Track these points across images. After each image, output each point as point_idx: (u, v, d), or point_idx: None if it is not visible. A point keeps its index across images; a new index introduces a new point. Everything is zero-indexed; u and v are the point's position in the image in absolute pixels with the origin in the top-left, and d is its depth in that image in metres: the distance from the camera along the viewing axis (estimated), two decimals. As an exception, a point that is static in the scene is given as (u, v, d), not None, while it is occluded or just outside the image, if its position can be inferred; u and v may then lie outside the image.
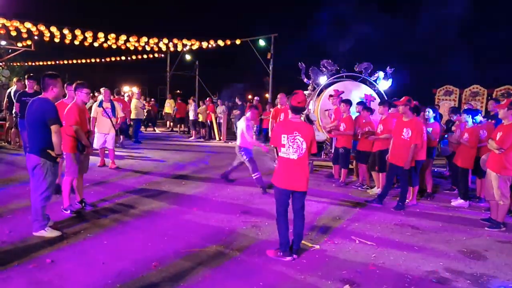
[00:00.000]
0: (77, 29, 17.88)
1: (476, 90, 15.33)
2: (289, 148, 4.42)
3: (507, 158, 5.81)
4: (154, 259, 4.37)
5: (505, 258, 4.87)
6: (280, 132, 4.49)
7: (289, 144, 4.42)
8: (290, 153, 4.43)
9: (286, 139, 4.42)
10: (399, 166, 6.78)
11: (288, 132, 4.44)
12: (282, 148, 4.46)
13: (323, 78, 10.38)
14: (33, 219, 4.91)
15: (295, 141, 4.41)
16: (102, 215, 5.85)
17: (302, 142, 4.41)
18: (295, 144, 4.41)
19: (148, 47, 20.91)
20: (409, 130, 6.66)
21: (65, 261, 4.24)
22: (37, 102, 4.83)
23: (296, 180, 4.46)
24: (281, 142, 4.45)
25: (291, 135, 4.42)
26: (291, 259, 4.46)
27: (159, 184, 8.01)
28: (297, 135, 4.41)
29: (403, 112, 6.84)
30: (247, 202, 6.91)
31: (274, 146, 4.81)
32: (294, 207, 4.60)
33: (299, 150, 4.42)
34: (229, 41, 20.69)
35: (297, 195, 4.56)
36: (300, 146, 4.41)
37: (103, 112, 9.28)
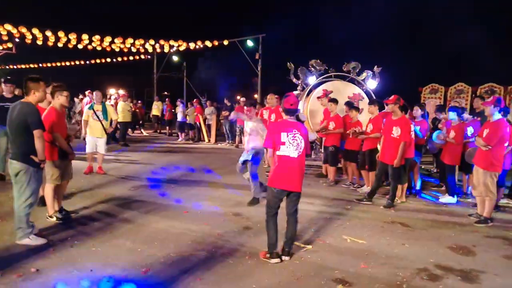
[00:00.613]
0: (60, 31, 17.59)
1: (461, 88, 15.54)
2: (290, 146, 4.40)
3: (494, 154, 5.87)
4: (144, 264, 4.30)
5: (493, 253, 4.92)
6: (279, 130, 4.47)
7: (289, 141, 4.40)
8: (291, 151, 4.40)
9: (286, 137, 4.41)
10: (389, 164, 6.80)
11: (288, 130, 4.44)
12: (282, 146, 4.42)
13: (312, 78, 10.40)
14: (17, 227, 4.76)
15: (295, 138, 4.41)
16: (89, 221, 5.73)
17: (301, 140, 4.43)
18: (295, 142, 4.40)
19: (134, 48, 20.74)
20: (398, 129, 6.69)
21: (51, 270, 4.12)
22: (19, 106, 4.70)
23: (295, 180, 4.45)
24: (280, 140, 4.42)
25: (291, 133, 4.42)
26: (277, 261, 4.42)
27: (147, 188, 7.91)
28: (297, 133, 4.43)
29: (392, 110, 6.87)
30: (238, 203, 6.86)
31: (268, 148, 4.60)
32: (289, 210, 4.56)
33: (299, 148, 4.42)
34: (217, 42, 20.62)
35: (293, 197, 4.53)
36: (299, 144, 4.42)
37: (93, 114, 8.94)
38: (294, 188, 4.47)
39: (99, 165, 9.11)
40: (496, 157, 5.90)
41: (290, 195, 4.51)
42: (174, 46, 21.13)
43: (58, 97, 5.61)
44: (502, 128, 5.85)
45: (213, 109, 16.75)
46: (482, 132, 6.02)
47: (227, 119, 15.94)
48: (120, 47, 20.18)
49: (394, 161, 6.68)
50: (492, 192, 5.97)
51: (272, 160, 4.52)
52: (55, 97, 5.62)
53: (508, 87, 14.28)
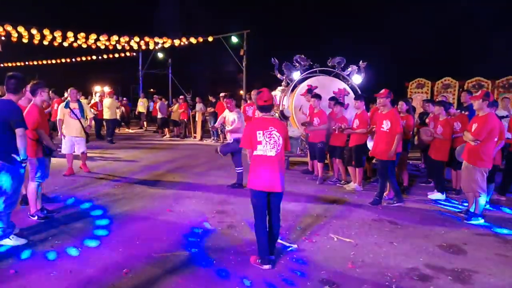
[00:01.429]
0: (46, 29, 17.30)
1: (448, 82, 15.60)
2: (266, 145, 4.18)
3: (483, 149, 5.80)
4: (125, 265, 4.17)
5: (485, 251, 4.83)
6: (255, 129, 4.24)
7: (265, 140, 4.18)
8: (268, 149, 4.18)
9: (262, 135, 4.19)
10: (380, 159, 6.72)
11: (263, 128, 4.21)
12: (259, 146, 4.20)
13: (297, 74, 10.29)
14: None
15: (271, 136, 4.19)
16: (71, 220, 5.57)
17: (278, 137, 4.21)
18: (272, 140, 4.19)
19: (119, 45, 20.47)
20: (388, 122, 6.59)
21: (30, 271, 4.00)
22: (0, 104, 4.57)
23: (274, 180, 4.19)
24: (256, 139, 4.20)
25: (267, 131, 4.19)
26: (269, 267, 4.19)
27: (131, 185, 7.75)
28: (273, 130, 4.20)
29: (383, 104, 6.76)
30: (222, 202, 6.74)
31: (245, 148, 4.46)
32: (271, 211, 4.34)
33: (277, 145, 4.20)
34: (201, 39, 20.43)
35: (275, 198, 4.30)
36: (277, 141, 4.20)
37: (70, 113, 8.45)
38: (274, 189, 4.21)
39: (83, 162, 8.86)
40: (486, 152, 5.80)
41: (271, 196, 4.28)
42: (159, 43, 20.90)
43: (41, 93, 5.60)
44: (491, 122, 5.74)
45: (202, 106, 16.62)
46: (471, 127, 5.93)
47: (212, 115, 15.84)
48: (106, 44, 19.93)
49: (388, 153, 6.54)
50: (482, 188, 5.89)
51: (250, 160, 4.34)
52: (37, 94, 5.60)
53: (495, 81, 14.34)
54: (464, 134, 6.07)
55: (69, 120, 8.45)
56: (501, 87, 14.23)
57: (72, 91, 8.74)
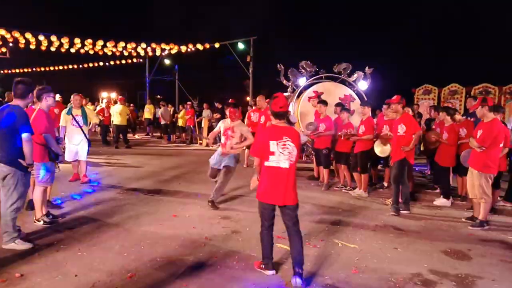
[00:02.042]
0: (53, 35, 17.51)
1: (455, 88, 15.55)
2: (280, 156, 3.90)
3: (489, 156, 5.79)
4: (130, 269, 4.19)
5: (489, 257, 4.82)
6: (267, 138, 3.95)
7: (279, 151, 3.90)
8: (281, 161, 3.90)
9: (276, 146, 3.91)
10: (395, 161, 6.62)
11: (276, 137, 3.92)
12: (271, 157, 3.91)
13: (302, 80, 10.32)
14: (3, 232, 4.68)
15: (285, 147, 3.91)
16: (77, 225, 5.61)
17: (293, 148, 3.93)
18: (286, 151, 3.91)
19: (126, 52, 20.66)
20: (403, 126, 6.59)
21: (36, 275, 4.02)
22: (7, 109, 4.64)
23: (286, 192, 3.94)
24: (269, 150, 3.91)
25: (281, 141, 3.91)
26: (273, 273, 4.13)
27: (136, 191, 7.79)
28: (288, 140, 3.92)
29: (395, 110, 6.78)
30: (227, 207, 6.76)
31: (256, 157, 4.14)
32: (287, 224, 4.07)
33: (291, 157, 3.93)
34: (208, 45, 20.55)
35: (289, 210, 4.02)
36: (291, 152, 3.93)
37: (72, 120, 8.18)
38: (287, 201, 3.96)
39: (83, 173, 8.35)
40: (491, 158, 5.80)
41: (283, 208, 4.02)
42: (165, 49, 21.05)
43: (46, 99, 5.57)
44: (495, 128, 5.76)
45: (209, 112, 16.70)
46: (476, 133, 5.94)
47: (218, 121, 15.87)
48: (112, 50, 20.12)
49: (405, 148, 6.45)
50: (487, 194, 5.86)
51: (257, 169, 4.12)
52: (43, 99, 5.57)
53: (502, 87, 14.27)
54: (470, 140, 6.06)
55: (71, 128, 8.22)
56: (508, 94, 14.16)
57: (75, 97, 8.47)
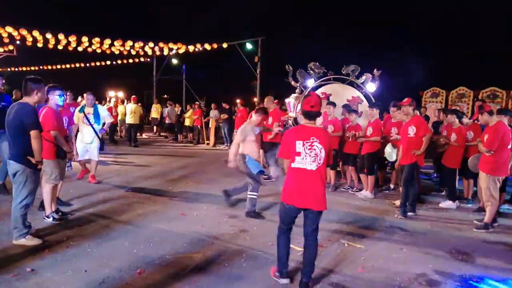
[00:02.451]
0: (60, 34, 17.60)
1: (462, 92, 15.51)
2: (306, 157, 3.76)
3: (498, 158, 5.85)
4: (139, 266, 4.26)
5: (493, 258, 4.87)
6: (294, 138, 3.81)
7: (305, 152, 3.76)
8: (307, 162, 3.76)
9: (302, 146, 3.77)
10: (405, 164, 6.59)
11: (304, 138, 3.78)
12: (297, 157, 3.79)
13: (311, 81, 10.34)
14: (13, 227, 4.76)
15: (312, 147, 3.76)
16: (86, 222, 5.70)
17: (320, 149, 3.77)
18: (312, 152, 3.76)
19: (134, 51, 20.73)
20: (413, 127, 6.60)
21: (46, 270, 4.10)
22: (16, 106, 4.71)
23: (313, 196, 3.78)
24: (295, 150, 3.78)
25: (308, 141, 3.77)
26: (287, 282, 3.99)
27: (144, 190, 7.86)
28: (315, 141, 3.77)
29: (406, 112, 6.79)
30: (235, 206, 6.81)
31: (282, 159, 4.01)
32: (306, 230, 3.93)
33: (318, 159, 3.77)
34: (216, 45, 20.59)
35: (313, 215, 3.87)
36: (318, 154, 3.76)
37: (83, 118, 8.07)
38: (314, 206, 3.80)
39: (92, 173, 8.30)
40: (500, 161, 5.86)
41: (308, 213, 3.87)
42: (173, 49, 21.10)
43: (51, 97, 5.63)
44: (501, 130, 5.83)
45: (217, 112, 16.75)
46: (483, 138, 6.02)
47: (225, 122, 15.97)
48: (120, 49, 20.18)
49: (417, 152, 6.44)
50: (495, 197, 5.91)
51: (285, 170, 3.99)
52: (49, 97, 5.62)
53: (510, 91, 14.23)
54: (478, 145, 6.13)
55: (82, 126, 8.13)
56: (516, 97, 14.12)
57: (88, 95, 8.40)
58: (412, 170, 6.60)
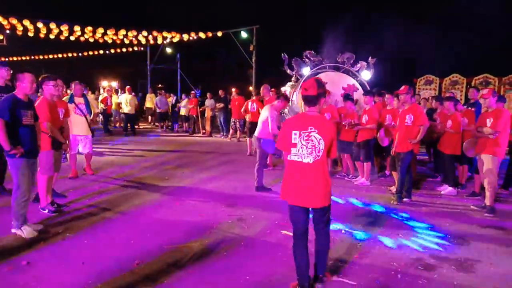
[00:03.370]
0: (52, 23, 17.35)
1: (456, 79, 15.55)
2: (302, 149, 3.39)
3: (501, 140, 6.07)
4: (137, 256, 4.25)
5: (487, 242, 4.93)
6: (290, 128, 3.47)
7: (301, 143, 3.39)
8: (304, 155, 3.39)
9: (298, 137, 3.40)
10: (402, 152, 6.62)
11: (300, 127, 3.42)
12: (293, 149, 3.42)
13: (306, 69, 10.33)
14: (12, 217, 4.77)
15: (309, 138, 3.38)
16: (82, 214, 5.68)
17: (319, 140, 3.36)
18: (309, 143, 3.37)
19: (127, 40, 20.50)
20: (411, 116, 6.62)
21: (43, 262, 4.09)
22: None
23: (311, 192, 3.41)
24: (291, 141, 3.43)
25: (305, 131, 3.39)
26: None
27: (141, 180, 7.85)
28: (313, 131, 3.37)
29: (404, 101, 6.80)
30: (231, 195, 6.82)
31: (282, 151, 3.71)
32: (315, 224, 3.62)
33: (315, 151, 3.37)
34: (211, 33, 20.41)
35: (317, 214, 3.54)
36: (316, 146, 3.37)
37: (75, 109, 7.72)
38: (313, 203, 3.45)
39: (87, 164, 8.15)
40: (501, 143, 6.09)
41: (312, 210, 3.56)
42: (167, 37, 20.91)
43: (44, 87, 5.61)
44: (505, 113, 6.09)
45: (213, 102, 16.67)
46: (485, 122, 6.16)
47: (221, 111, 15.91)
48: (113, 38, 19.94)
49: (413, 141, 6.52)
50: (495, 177, 6.12)
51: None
52: (43, 88, 5.61)
53: (502, 78, 14.32)
54: (478, 129, 6.23)
55: (74, 117, 7.65)
56: (507, 84, 14.18)
57: (77, 85, 8.06)
58: (409, 157, 6.63)
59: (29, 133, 4.75)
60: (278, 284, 3.76)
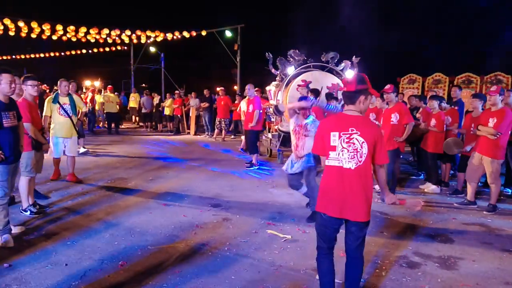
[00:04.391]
0: (33, 21, 17.08)
1: (438, 78, 15.76)
2: (343, 152, 3.03)
3: (502, 142, 5.97)
4: (121, 258, 4.22)
5: (471, 240, 5.00)
6: (329, 129, 3.11)
7: (342, 145, 3.03)
8: (344, 160, 3.02)
9: (338, 139, 3.05)
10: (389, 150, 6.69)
11: (340, 128, 3.06)
12: (332, 152, 3.07)
13: (291, 69, 10.32)
14: None
15: (351, 141, 3.02)
16: (65, 215, 5.60)
17: (361, 143, 3.00)
18: (351, 147, 3.02)
19: (110, 39, 20.31)
20: (396, 114, 6.71)
21: (25, 265, 4.01)
22: None
23: (352, 203, 3.02)
24: (329, 143, 3.09)
25: (346, 133, 3.03)
26: None
27: (125, 180, 7.77)
28: (355, 133, 3.02)
29: (390, 99, 6.88)
30: (217, 195, 6.80)
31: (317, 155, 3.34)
32: (348, 245, 3.19)
33: (358, 155, 3.01)
34: (195, 33, 20.33)
35: (354, 228, 3.10)
36: (358, 150, 3.01)
37: (59, 109, 7.30)
38: (353, 216, 3.03)
39: (71, 171, 7.55)
40: (503, 145, 6.00)
41: (349, 224, 3.11)
42: (151, 36, 20.76)
43: (24, 88, 5.54)
44: (510, 114, 5.91)
45: (198, 101, 16.61)
46: (487, 121, 6.03)
47: (206, 110, 15.86)
48: (96, 38, 19.74)
49: (399, 139, 6.64)
50: (499, 179, 6.13)
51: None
52: (23, 87, 5.54)
53: (484, 77, 14.56)
54: (480, 128, 6.11)
55: (58, 118, 7.33)
56: (489, 83, 14.43)
57: (63, 83, 7.55)
58: (394, 156, 6.70)
59: (11, 135, 4.47)
60: (265, 284, 3.75)
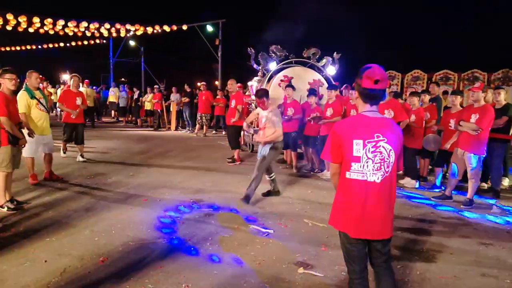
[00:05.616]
0: (9, 13, 16.65)
1: (417, 75, 16.06)
2: (368, 164, 2.56)
3: (482, 138, 6.05)
4: (102, 254, 4.16)
5: (448, 233, 5.12)
6: (351, 136, 2.58)
7: (367, 156, 2.55)
8: (369, 172, 2.56)
9: (362, 148, 2.55)
10: None
11: (363, 135, 2.56)
12: (354, 164, 2.57)
13: (273, 64, 10.34)
14: None
15: (377, 150, 2.55)
16: (44, 211, 5.49)
17: (389, 151, 2.57)
18: (377, 156, 2.55)
19: (89, 32, 19.95)
20: (390, 111, 6.78)
21: (2, 262, 3.92)
22: None
23: (375, 221, 2.62)
24: (352, 153, 2.57)
25: (371, 141, 2.55)
26: None
27: (105, 176, 7.67)
28: (382, 140, 2.56)
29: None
30: (198, 190, 6.77)
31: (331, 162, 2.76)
32: (374, 261, 2.81)
33: (385, 166, 2.57)
34: (176, 27, 20.14)
35: (379, 246, 2.72)
36: (386, 159, 2.57)
37: (38, 105, 6.73)
38: (377, 235, 2.66)
39: (49, 169, 7.20)
40: (484, 140, 6.07)
41: (372, 243, 2.74)
42: (130, 30, 20.48)
43: (2, 81, 5.48)
44: (491, 111, 6.02)
45: (178, 96, 16.50)
46: (469, 117, 6.11)
47: (187, 105, 15.77)
48: (74, 31, 19.37)
49: None
50: (478, 175, 6.23)
51: (334, 181, 2.82)
52: (0, 81, 5.49)
53: (462, 74, 14.89)
54: (461, 123, 6.17)
55: (39, 114, 6.79)
56: (466, 80, 14.76)
57: (33, 74, 6.75)
58: None
59: None
60: (247, 278, 3.76)
